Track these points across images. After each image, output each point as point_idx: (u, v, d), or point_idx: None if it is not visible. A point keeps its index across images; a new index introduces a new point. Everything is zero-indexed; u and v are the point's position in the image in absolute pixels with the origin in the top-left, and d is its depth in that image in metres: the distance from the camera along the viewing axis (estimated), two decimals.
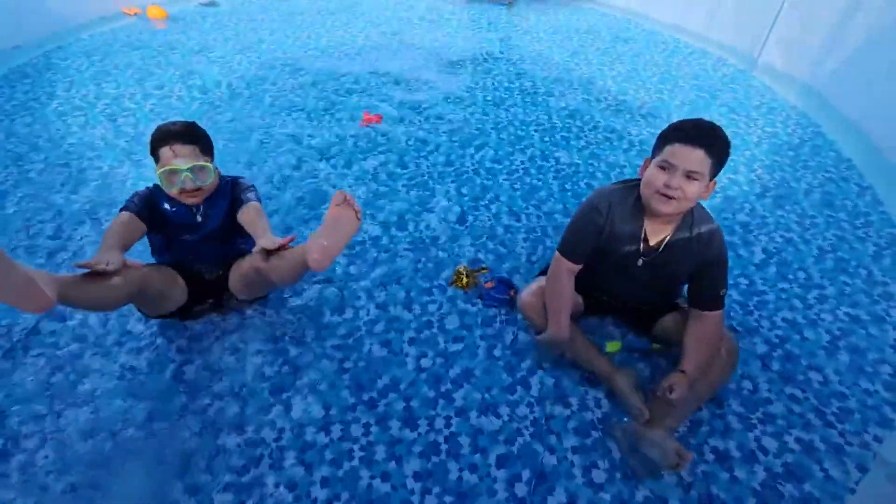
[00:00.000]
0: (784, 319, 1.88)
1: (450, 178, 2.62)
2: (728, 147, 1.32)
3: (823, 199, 2.57)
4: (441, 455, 1.42)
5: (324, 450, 1.43)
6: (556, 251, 1.57)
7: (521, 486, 1.36)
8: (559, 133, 3.09)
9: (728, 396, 1.59)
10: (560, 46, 4.50)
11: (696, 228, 1.44)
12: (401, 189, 2.52)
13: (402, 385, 1.61)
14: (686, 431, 1.49)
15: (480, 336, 1.77)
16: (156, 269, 1.57)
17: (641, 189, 1.41)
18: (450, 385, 1.61)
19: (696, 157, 1.28)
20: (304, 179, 2.57)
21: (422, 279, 2.00)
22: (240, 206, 1.63)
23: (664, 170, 1.32)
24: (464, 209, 2.40)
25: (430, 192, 2.51)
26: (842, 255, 2.20)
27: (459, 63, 4.05)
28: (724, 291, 1.47)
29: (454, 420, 1.51)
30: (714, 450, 1.45)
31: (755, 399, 1.60)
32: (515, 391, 1.60)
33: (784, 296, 1.99)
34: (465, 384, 1.62)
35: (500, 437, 1.47)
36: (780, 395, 1.61)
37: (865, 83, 3.05)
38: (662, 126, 1.61)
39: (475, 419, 1.52)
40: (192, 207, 1.63)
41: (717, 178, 1.36)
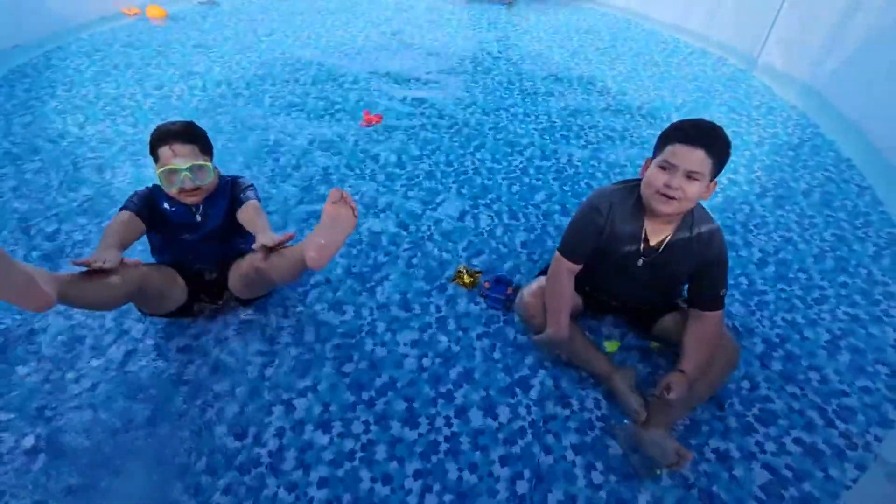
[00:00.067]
0: (784, 319, 1.88)
1: (450, 178, 2.62)
2: (728, 147, 1.32)
3: (823, 199, 2.57)
4: (441, 454, 1.42)
5: (324, 450, 1.43)
6: (556, 251, 1.57)
7: (522, 485, 1.36)
8: (559, 133, 3.09)
9: (728, 396, 1.59)
10: (560, 46, 4.50)
11: (697, 228, 1.44)
12: (400, 189, 2.52)
13: (402, 385, 1.61)
14: (686, 431, 1.50)
15: (481, 336, 1.77)
16: (155, 269, 1.56)
17: (642, 189, 1.41)
18: (450, 385, 1.61)
19: (697, 158, 1.28)
20: (304, 179, 2.57)
21: (422, 279, 2.00)
22: (239, 205, 1.63)
23: (665, 170, 1.32)
24: (464, 209, 2.40)
25: (430, 192, 2.51)
26: (841, 255, 2.20)
27: (459, 63, 4.05)
28: (724, 292, 1.47)
29: (454, 420, 1.51)
30: (714, 450, 1.45)
31: (755, 398, 1.60)
32: (515, 391, 1.60)
33: (784, 295, 1.99)
34: (466, 384, 1.62)
35: (501, 437, 1.47)
36: (781, 394, 1.61)
37: (865, 83, 3.05)
38: (662, 126, 1.61)
39: (475, 419, 1.52)
40: (192, 207, 1.63)
41: (717, 178, 1.36)
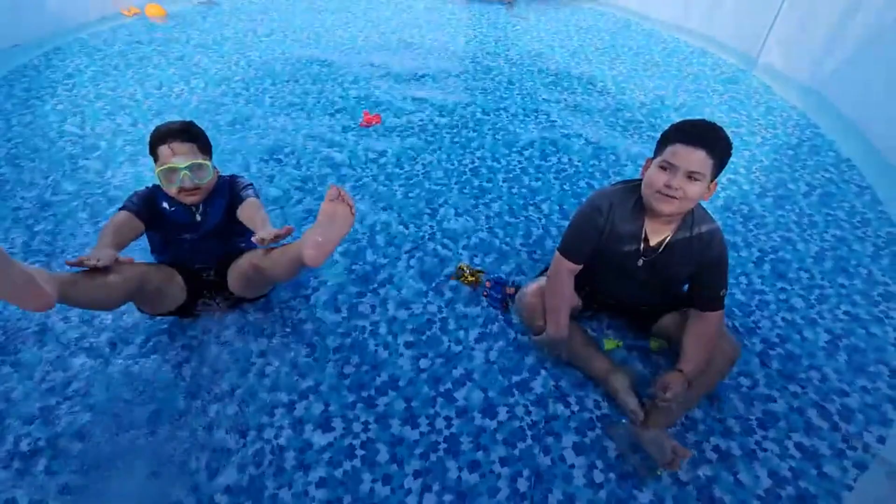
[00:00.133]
0: (784, 319, 1.88)
1: (449, 178, 2.62)
2: (729, 148, 1.32)
3: (823, 199, 2.57)
4: (441, 453, 1.43)
5: (324, 449, 1.43)
6: (557, 251, 1.56)
7: (522, 485, 1.36)
8: (559, 132, 3.09)
9: (728, 395, 1.59)
10: (560, 46, 4.50)
11: (697, 228, 1.44)
12: (400, 189, 2.52)
13: (403, 384, 1.61)
14: (685, 430, 1.50)
15: (481, 336, 1.77)
16: (155, 268, 1.57)
17: (642, 189, 1.41)
18: (450, 385, 1.61)
19: (698, 158, 1.28)
20: (304, 179, 2.57)
21: (422, 279, 2.00)
22: (238, 203, 1.64)
23: (665, 170, 1.32)
24: (464, 209, 2.40)
25: (430, 192, 2.51)
26: (841, 255, 2.20)
27: (459, 63, 4.05)
28: (725, 292, 1.47)
29: (455, 420, 1.51)
30: (715, 450, 1.46)
31: (755, 398, 1.60)
32: (515, 391, 1.60)
33: (783, 295, 1.99)
34: (466, 384, 1.62)
35: (500, 437, 1.47)
36: (783, 393, 1.61)
37: (865, 83, 3.05)
38: (662, 126, 1.61)
39: (475, 419, 1.52)
40: (191, 206, 1.63)
41: (717, 178, 1.36)
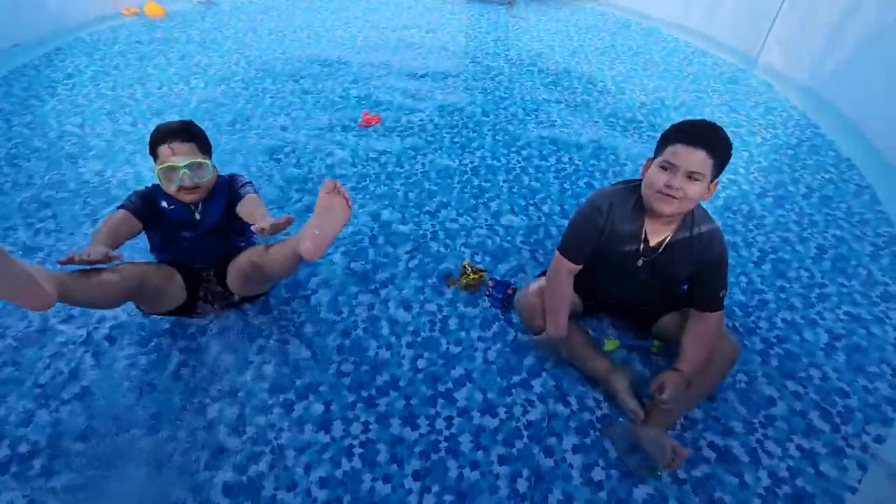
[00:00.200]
0: (784, 319, 1.88)
1: (449, 178, 2.62)
2: (730, 148, 1.32)
3: (822, 199, 2.57)
4: (441, 453, 1.43)
5: (324, 449, 1.43)
6: (556, 251, 1.56)
7: (521, 485, 1.36)
8: (558, 132, 3.09)
9: (727, 396, 1.59)
10: (560, 46, 4.50)
11: (697, 228, 1.44)
12: (400, 189, 2.52)
13: (403, 384, 1.61)
14: (684, 430, 1.50)
15: (481, 336, 1.77)
16: (155, 267, 1.57)
17: (643, 189, 1.41)
18: (450, 384, 1.61)
19: (698, 158, 1.28)
20: (304, 179, 2.57)
21: (422, 279, 2.00)
22: (238, 200, 1.64)
23: (665, 170, 1.32)
24: (463, 208, 2.40)
25: (430, 192, 2.51)
26: (841, 255, 2.20)
27: (459, 63, 4.05)
28: (724, 292, 1.47)
29: (455, 420, 1.51)
30: (711, 446, 1.46)
31: (755, 398, 1.60)
32: (516, 391, 1.60)
33: (784, 294, 1.99)
34: (466, 384, 1.62)
35: (500, 437, 1.47)
36: (783, 392, 1.61)
37: (865, 83, 3.05)
38: (662, 125, 1.61)
39: (475, 419, 1.52)
40: (191, 205, 1.63)
41: (717, 178, 1.36)
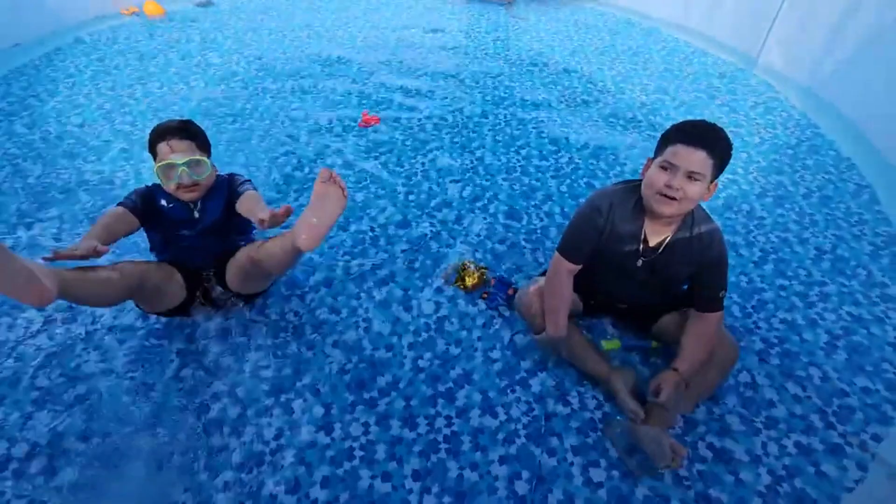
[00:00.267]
0: (783, 320, 1.88)
1: (449, 178, 2.62)
2: (730, 148, 1.31)
3: (822, 199, 2.57)
4: (441, 454, 1.43)
5: (324, 450, 1.43)
6: (556, 251, 1.56)
7: (521, 485, 1.36)
8: (558, 132, 3.08)
9: (727, 396, 1.60)
10: (559, 46, 4.50)
11: (697, 228, 1.44)
12: (400, 189, 2.52)
13: (402, 385, 1.61)
14: (684, 430, 1.50)
15: (481, 336, 1.78)
16: (155, 266, 1.58)
17: (643, 190, 1.40)
18: (451, 384, 1.61)
19: (698, 158, 1.27)
20: (304, 180, 2.57)
21: (422, 279, 2.00)
22: (237, 198, 1.64)
23: (665, 170, 1.32)
24: (463, 208, 2.40)
25: (430, 192, 2.51)
26: (841, 255, 2.20)
27: (459, 63, 4.05)
28: (724, 293, 1.47)
29: (455, 420, 1.51)
30: (711, 446, 1.46)
31: (755, 398, 1.60)
32: (515, 391, 1.60)
33: (784, 293, 1.99)
34: (465, 384, 1.62)
35: (500, 437, 1.47)
36: (782, 394, 1.61)
37: (864, 83, 3.05)
38: (662, 125, 1.61)
39: (475, 419, 1.52)
40: (190, 203, 1.64)
41: (717, 179, 1.36)
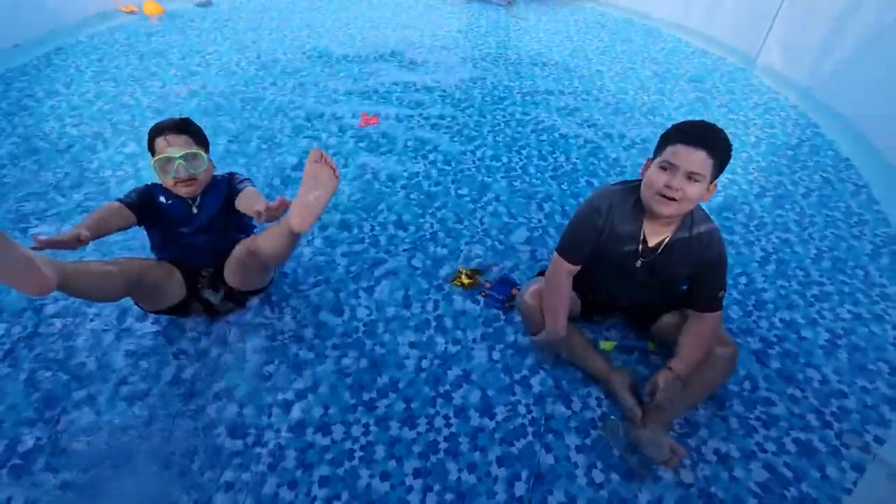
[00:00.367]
0: (782, 319, 1.88)
1: (449, 178, 2.62)
2: (730, 149, 1.31)
3: (822, 199, 2.57)
4: (440, 454, 1.43)
5: (324, 450, 1.43)
6: (555, 251, 1.56)
7: (520, 486, 1.36)
8: (557, 132, 3.09)
9: (727, 396, 1.60)
10: (559, 46, 4.50)
11: (696, 229, 1.44)
12: (399, 189, 2.52)
13: (402, 385, 1.61)
14: (685, 431, 1.50)
15: (480, 336, 1.78)
16: (155, 263, 1.60)
17: (642, 190, 1.40)
18: (449, 385, 1.61)
19: (698, 159, 1.27)
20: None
21: (422, 279, 2.00)
22: (236, 195, 1.66)
23: (665, 170, 1.32)
24: (463, 208, 2.40)
25: (429, 192, 2.51)
26: (840, 255, 2.20)
27: (458, 63, 4.05)
28: (723, 293, 1.47)
29: (453, 420, 1.52)
30: (715, 451, 1.46)
31: (755, 399, 1.60)
32: (515, 391, 1.60)
33: (783, 292, 1.99)
34: (465, 384, 1.62)
35: (500, 437, 1.47)
36: (781, 395, 1.62)
37: (864, 83, 3.05)
38: (662, 125, 1.62)
39: (474, 419, 1.52)
40: (188, 199, 1.66)
41: (717, 179, 1.36)
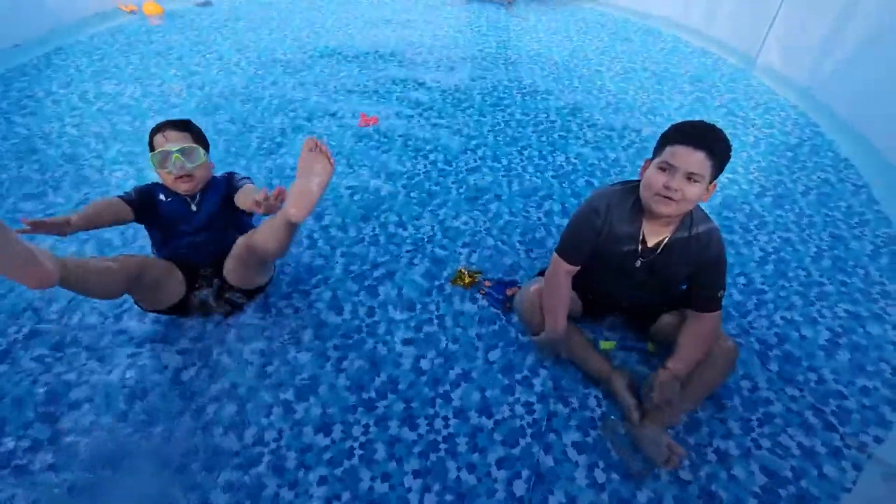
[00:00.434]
0: (783, 318, 1.89)
1: (449, 178, 2.62)
2: (729, 149, 1.31)
3: (821, 199, 2.57)
4: (440, 454, 1.43)
5: (323, 450, 1.43)
6: (554, 252, 1.57)
7: (520, 485, 1.36)
8: (557, 132, 3.09)
9: (727, 396, 1.60)
10: (559, 46, 4.50)
11: (695, 229, 1.44)
12: (400, 189, 2.52)
13: (402, 385, 1.61)
14: (686, 431, 1.50)
15: (481, 335, 1.78)
16: (155, 260, 1.60)
17: (641, 191, 1.40)
18: (448, 386, 1.62)
19: (697, 159, 1.27)
20: None
21: (422, 279, 2.00)
22: (235, 192, 1.67)
23: (664, 171, 1.32)
24: (463, 208, 2.40)
25: (429, 192, 2.51)
26: (839, 255, 2.20)
27: (458, 63, 4.05)
28: (722, 293, 1.48)
29: (452, 421, 1.52)
30: (714, 450, 1.46)
31: (754, 398, 1.60)
32: (515, 390, 1.60)
33: (783, 293, 1.99)
34: (465, 384, 1.62)
35: (500, 438, 1.48)
36: (780, 395, 1.62)
37: (864, 83, 3.05)
38: (662, 125, 1.62)
39: (474, 419, 1.52)
40: (187, 197, 1.67)
41: (716, 180, 1.36)
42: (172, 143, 1.59)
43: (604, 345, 1.71)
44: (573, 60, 4.18)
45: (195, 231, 1.69)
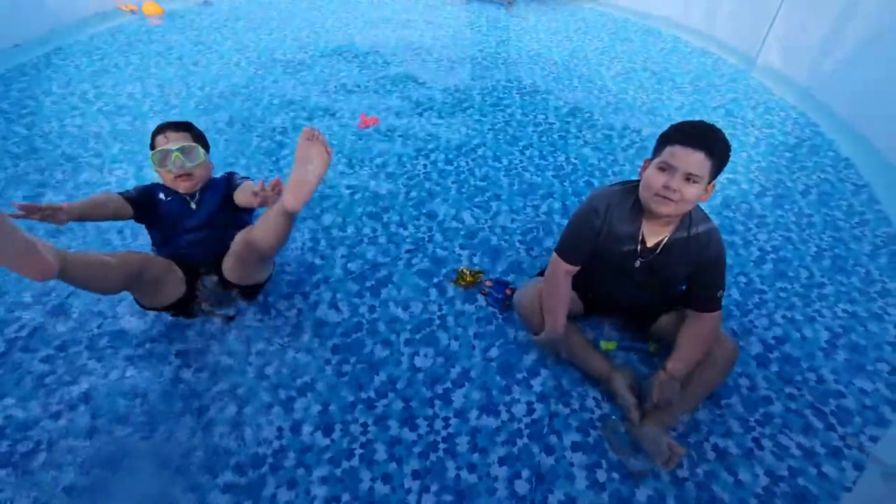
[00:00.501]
0: (783, 317, 1.89)
1: (449, 178, 2.62)
2: (728, 150, 1.31)
3: (821, 199, 2.57)
4: (440, 453, 1.43)
5: (323, 450, 1.43)
6: (554, 252, 1.57)
7: (521, 485, 1.37)
8: (557, 133, 3.09)
9: (727, 396, 1.60)
10: (559, 46, 4.50)
11: (694, 228, 1.44)
12: (400, 189, 2.52)
13: (401, 385, 1.61)
14: (686, 430, 1.50)
15: (480, 335, 1.78)
16: (155, 257, 1.61)
17: (640, 191, 1.40)
18: (449, 385, 1.62)
19: (696, 160, 1.27)
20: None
21: (421, 278, 2.00)
22: (235, 190, 1.68)
23: (663, 171, 1.32)
24: (463, 208, 2.40)
25: (429, 192, 2.51)
26: (839, 254, 2.20)
27: (458, 62, 4.05)
28: (722, 293, 1.48)
29: (452, 420, 1.52)
30: (714, 449, 1.46)
31: (754, 398, 1.60)
32: (515, 390, 1.60)
33: (783, 294, 1.99)
34: (464, 384, 1.62)
35: (500, 438, 1.48)
36: (779, 394, 1.62)
37: (864, 83, 3.05)
38: (661, 125, 1.62)
39: (474, 419, 1.52)
40: (187, 196, 1.69)
41: (715, 180, 1.36)
42: (172, 143, 1.63)
43: (604, 345, 1.71)
44: (573, 60, 4.18)
45: (195, 229, 1.70)
